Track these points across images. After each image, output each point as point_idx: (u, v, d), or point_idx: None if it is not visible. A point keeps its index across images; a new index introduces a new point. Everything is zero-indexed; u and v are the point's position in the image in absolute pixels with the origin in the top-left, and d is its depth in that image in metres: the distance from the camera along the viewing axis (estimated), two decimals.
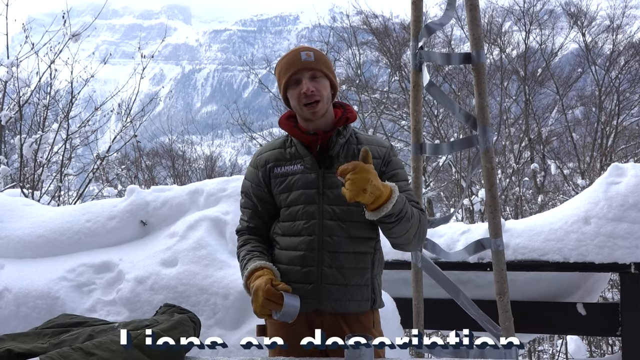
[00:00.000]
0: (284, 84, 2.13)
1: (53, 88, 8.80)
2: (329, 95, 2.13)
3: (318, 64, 2.10)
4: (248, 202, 2.24)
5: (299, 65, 2.09)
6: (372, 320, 2.15)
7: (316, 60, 2.10)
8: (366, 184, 1.76)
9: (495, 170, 2.96)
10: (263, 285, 1.89)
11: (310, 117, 2.09)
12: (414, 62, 3.13)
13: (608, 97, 16.27)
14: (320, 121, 2.12)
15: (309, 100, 2.06)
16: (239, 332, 3.11)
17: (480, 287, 3.79)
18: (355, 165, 1.77)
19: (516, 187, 13.60)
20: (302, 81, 2.08)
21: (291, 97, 2.12)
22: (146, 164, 18.14)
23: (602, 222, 3.59)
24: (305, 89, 2.06)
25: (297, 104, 2.10)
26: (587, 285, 3.89)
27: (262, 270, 2.00)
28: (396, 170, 2.15)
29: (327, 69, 2.13)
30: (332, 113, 2.16)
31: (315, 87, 2.07)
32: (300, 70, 2.08)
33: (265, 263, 2.03)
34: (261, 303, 1.87)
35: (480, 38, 2.95)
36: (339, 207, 2.07)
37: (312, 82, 2.08)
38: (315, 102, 2.06)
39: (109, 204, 4.05)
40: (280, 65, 2.15)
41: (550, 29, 18.05)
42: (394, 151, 2.23)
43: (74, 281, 3.52)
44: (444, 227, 3.93)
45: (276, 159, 2.17)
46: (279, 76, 2.15)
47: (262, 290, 1.88)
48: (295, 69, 2.09)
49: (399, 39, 17.11)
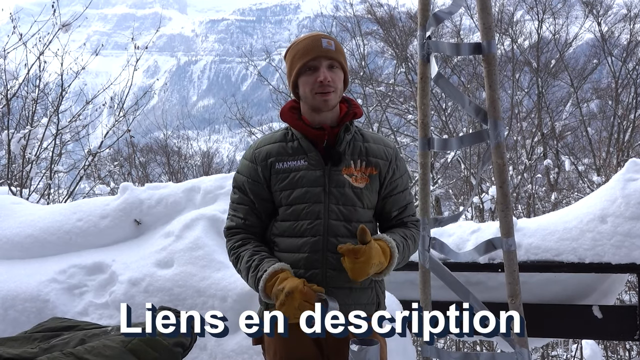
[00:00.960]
0: (298, 69, 2.10)
1: (42, 81, 8.82)
2: (342, 88, 2.14)
3: (338, 55, 2.11)
4: (243, 198, 2.18)
5: (318, 51, 2.08)
6: None
7: (336, 50, 2.11)
8: (369, 268, 1.89)
9: (506, 166, 2.96)
10: (301, 286, 1.85)
11: (321, 107, 2.08)
12: (421, 53, 3.13)
13: (625, 89, 16.23)
14: (327, 115, 2.11)
15: (323, 90, 2.05)
16: (238, 336, 3.11)
17: (491, 289, 3.78)
18: (357, 252, 1.86)
19: (528, 185, 13.60)
20: (320, 69, 2.07)
21: (303, 83, 2.10)
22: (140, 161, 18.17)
23: (619, 220, 3.58)
24: (322, 77, 2.05)
25: (309, 92, 2.08)
26: (603, 287, 3.89)
27: (285, 272, 1.96)
28: (399, 179, 2.21)
29: (344, 61, 2.15)
30: (337, 107, 2.16)
31: (332, 78, 2.07)
32: (319, 58, 2.07)
33: (285, 265, 2.00)
34: (298, 306, 1.83)
35: (491, 27, 2.94)
36: (345, 207, 2.07)
37: (330, 72, 2.08)
38: (328, 92, 2.06)
39: (101, 203, 4.05)
40: (295, 49, 2.13)
41: (564, 18, 18.05)
42: (399, 154, 2.25)
43: (64, 283, 3.53)
44: (452, 226, 3.92)
45: (278, 153, 2.14)
46: (292, 60, 2.13)
47: (299, 291, 1.83)
48: (314, 55, 2.07)
49: (405, 28, 17.08)
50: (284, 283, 1.88)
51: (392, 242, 2.00)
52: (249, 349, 3.01)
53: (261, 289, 1.97)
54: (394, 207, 2.20)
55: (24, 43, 8.07)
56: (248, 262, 2.05)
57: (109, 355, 1.82)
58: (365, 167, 2.12)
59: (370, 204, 2.14)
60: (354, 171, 2.11)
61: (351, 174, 2.09)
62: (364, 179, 2.11)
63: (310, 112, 2.13)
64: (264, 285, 1.95)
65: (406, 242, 2.10)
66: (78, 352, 1.82)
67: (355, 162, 2.12)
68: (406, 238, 2.12)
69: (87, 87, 9.77)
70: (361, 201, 2.10)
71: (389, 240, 2.00)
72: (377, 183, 2.15)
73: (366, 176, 2.12)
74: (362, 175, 2.11)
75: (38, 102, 8.87)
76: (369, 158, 2.14)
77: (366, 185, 2.11)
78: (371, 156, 2.15)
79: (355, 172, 2.11)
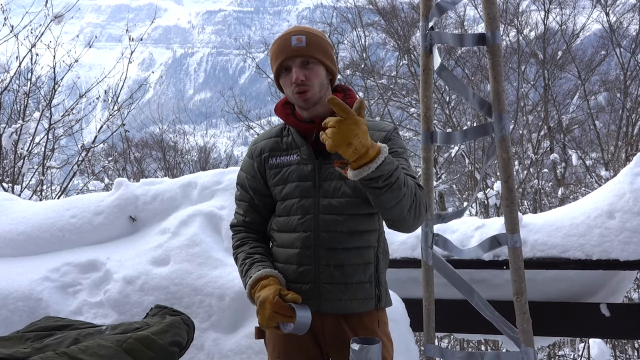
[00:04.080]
0: (275, 71, 2.13)
1: (34, 74, 8.81)
2: (324, 82, 2.11)
3: (310, 50, 2.06)
4: (244, 194, 2.24)
5: (288, 51, 2.06)
6: (376, 320, 2.14)
7: (308, 46, 2.06)
8: (352, 136, 1.70)
9: (512, 160, 2.96)
10: (271, 298, 1.89)
11: (302, 105, 2.09)
12: (424, 44, 3.12)
13: (634, 81, 16.21)
14: (317, 108, 2.10)
15: (299, 89, 2.05)
16: (236, 336, 3.11)
17: (496, 286, 3.79)
18: (347, 110, 1.70)
19: (535, 180, 13.59)
20: (292, 69, 2.06)
21: (283, 84, 2.13)
22: (135, 156, 18.18)
23: (628, 216, 3.57)
24: (294, 77, 2.04)
25: (290, 93, 2.10)
26: (611, 284, 3.89)
27: (268, 280, 2.00)
28: (395, 149, 2.09)
29: (321, 54, 2.09)
30: None
31: (305, 76, 2.04)
32: (290, 57, 2.06)
33: (270, 271, 2.03)
34: (268, 316, 1.89)
35: (495, 17, 2.93)
36: (337, 199, 2.07)
37: (303, 70, 2.05)
38: (305, 91, 2.05)
39: (95, 199, 4.05)
40: (272, 50, 2.14)
41: (572, 8, 18.00)
42: (397, 133, 2.19)
43: (58, 281, 3.53)
44: (456, 222, 3.92)
45: (271, 149, 2.18)
46: (271, 62, 2.15)
47: (269, 302, 1.89)
48: (284, 56, 2.07)
49: (408, 19, 17.08)
50: (260, 292, 1.95)
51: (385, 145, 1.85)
52: (247, 348, 3.02)
53: (248, 296, 2.04)
54: None
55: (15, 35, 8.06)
56: (241, 266, 2.12)
57: (104, 355, 1.82)
58: None
59: (363, 194, 2.05)
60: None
61: (343, 165, 2.07)
62: None
63: (299, 108, 2.15)
64: (249, 293, 2.02)
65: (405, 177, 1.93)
66: (72, 352, 1.82)
67: None
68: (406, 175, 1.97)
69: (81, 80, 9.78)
70: (354, 191, 2.07)
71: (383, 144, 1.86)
72: None
73: None
74: None
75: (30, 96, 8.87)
76: None
77: None
78: None
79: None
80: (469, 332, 4.11)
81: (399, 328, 3.15)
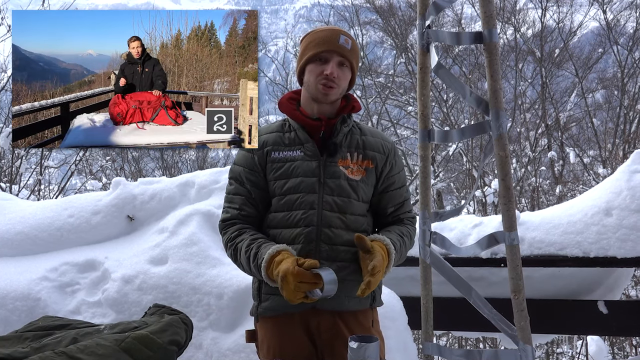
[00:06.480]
0: (308, 56, 2.14)
1: None
2: (345, 87, 2.19)
3: (351, 55, 2.15)
4: (239, 188, 2.19)
5: (333, 46, 2.12)
6: (371, 319, 2.18)
7: (351, 50, 2.15)
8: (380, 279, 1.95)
9: (509, 158, 2.96)
10: (292, 269, 1.84)
11: (320, 98, 2.13)
12: (421, 43, 3.12)
13: (631, 79, 16.20)
14: (325, 107, 2.16)
15: (327, 83, 2.10)
16: (234, 334, 3.12)
17: (493, 284, 3.79)
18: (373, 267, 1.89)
19: (532, 177, 13.61)
20: (330, 62, 2.11)
21: (310, 71, 2.14)
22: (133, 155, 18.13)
23: (625, 213, 3.58)
24: (330, 71, 2.09)
25: (313, 80, 2.13)
26: (608, 281, 3.90)
27: (281, 254, 1.95)
28: (396, 175, 2.25)
29: (356, 64, 2.20)
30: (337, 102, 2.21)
31: (338, 75, 2.11)
32: (332, 52, 2.12)
33: (280, 246, 1.99)
34: (294, 288, 1.83)
35: (492, 15, 2.93)
36: (340, 198, 2.10)
37: (338, 69, 2.12)
38: (331, 87, 2.11)
39: (93, 198, 4.05)
40: (312, 37, 2.18)
41: (569, 6, 17.97)
42: (397, 150, 2.31)
43: (56, 281, 3.53)
44: (454, 220, 3.93)
45: (274, 143, 2.18)
46: (307, 46, 2.17)
47: (291, 274, 1.83)
48: (327, 48, 2.12)
49: (405, 17, 17.05)
50: (278, 268, 1.89)
51: (387, 240, 2.01)
52: (245, 347, 3.02)
53: (265, 277, 1.96)
54: (390, 204, 2.24)
55: None
56: (247, 253, 2.04)
57: (102, 354, 1.82)
58: (361, 160, 2.17)
59: (365, 197, 2.16)
60: (350, 163, 2.14)
61: (347, 165, 2.13)
62: (360, 172, 2.15)
63: (310, 102, 2.17)
64: (266, 273, 1.95)
65: (402, 240, 2.14)
66: (70, 351, 1.82)
67: (352, 154, 2.16)
68: (402, 236, 2.16)
69: None
70: (356, 193, 2.13)
71: (384, 239, 2.01)
72: (373, 177, 2.18)
73: (362, 169, 2.16)
74: (358, 167, 2.15)
75: None
76: (365, 151, 2.18)
77: (362, 178, 2.15)
78: (368, 149, 2.19)
79: (352, 164, 2.15)
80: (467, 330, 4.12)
81: (397, 326, 3.16)
